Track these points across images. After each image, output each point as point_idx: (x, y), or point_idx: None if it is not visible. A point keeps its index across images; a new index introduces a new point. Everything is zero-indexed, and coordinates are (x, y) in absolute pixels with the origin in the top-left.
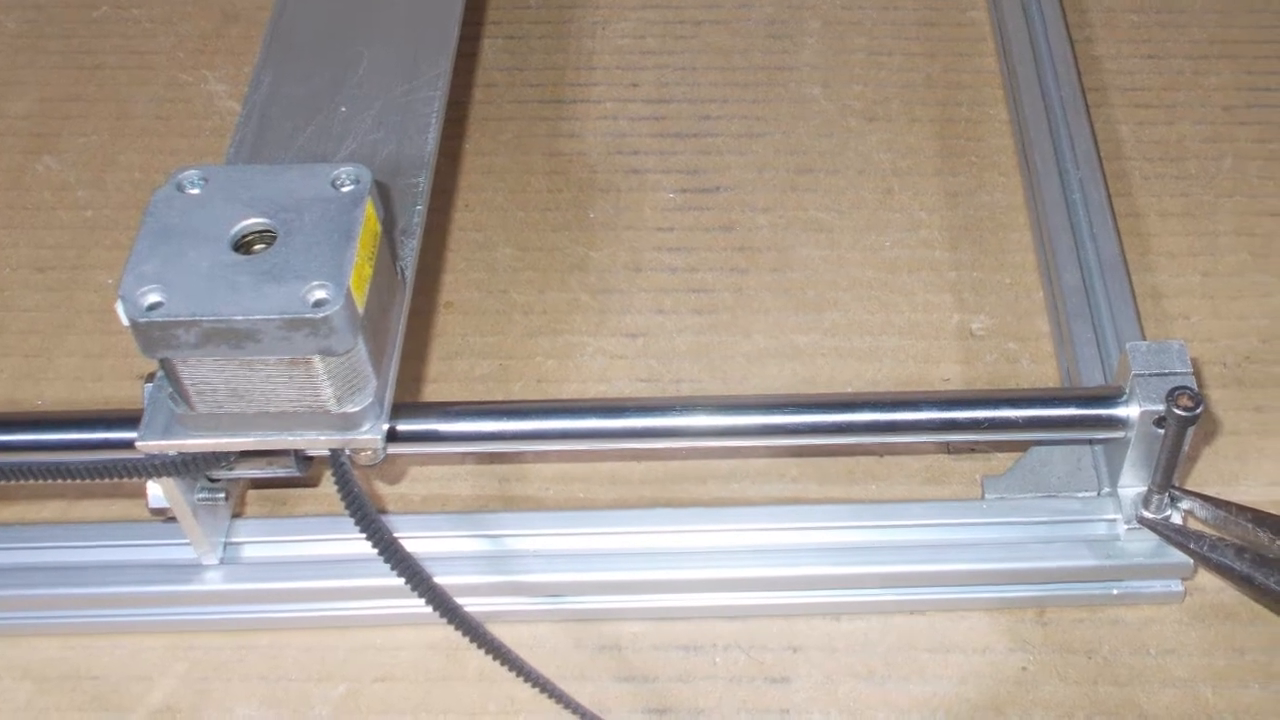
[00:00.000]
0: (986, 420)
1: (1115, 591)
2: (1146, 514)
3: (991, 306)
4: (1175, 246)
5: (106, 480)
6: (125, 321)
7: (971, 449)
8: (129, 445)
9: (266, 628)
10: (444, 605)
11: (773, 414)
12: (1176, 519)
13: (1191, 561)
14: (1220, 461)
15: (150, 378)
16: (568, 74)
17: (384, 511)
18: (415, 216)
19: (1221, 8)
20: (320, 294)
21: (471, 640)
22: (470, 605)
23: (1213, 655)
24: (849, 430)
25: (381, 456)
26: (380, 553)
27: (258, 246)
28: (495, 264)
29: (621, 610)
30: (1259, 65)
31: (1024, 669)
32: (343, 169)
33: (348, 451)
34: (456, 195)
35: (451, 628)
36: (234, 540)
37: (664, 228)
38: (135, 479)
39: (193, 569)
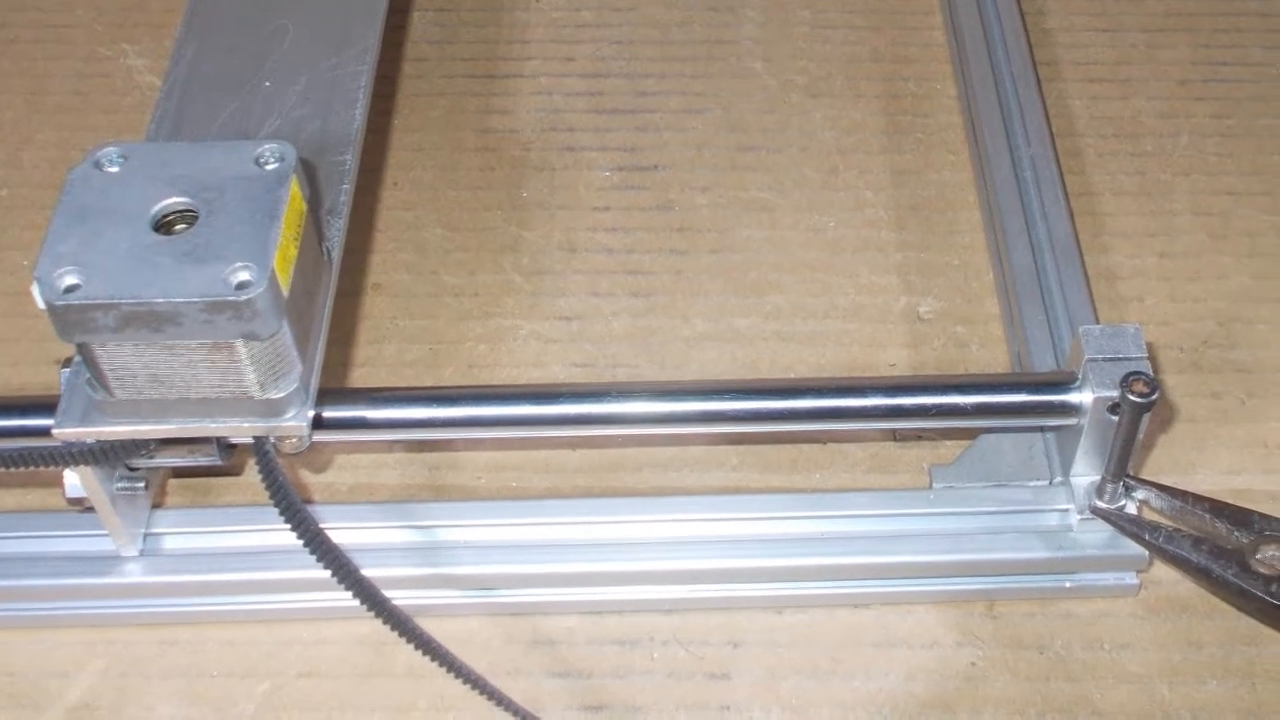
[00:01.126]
0: (934, 407)
1: (1068, 584)
2: (1100, 504)
3: (939, 289)
4: (1130, 226)
5: (21, 469)
6: (41, 304)
7: (919, 436)
8: (45, 433)
9: (188, 622)
10: (372, 599)
11: (712, 400)
12: (1131, 509)
13: (1147, 553)
14: (1177, 450)
15: (67, 363)
16: (500, 48)
17: (309, 501)
18: (342, 195)
19: None
20: (243, 276)
21: (400, 635)
22: (399, 598)
23: (1169, 650)
24: (791, 417)
25: (307, 444)
26: (306, 544)
27: (179, 226)
28: (425, 245)
29: (556, 604)
30: (1216, 39)
31: (973, 664)
32: (267, 146)
33: (272, 439)
34: (385, 173)
35: (380, 622)
36: (154, 531)
37: (600, 207)
38: (52, 468)
39: (111, 561)
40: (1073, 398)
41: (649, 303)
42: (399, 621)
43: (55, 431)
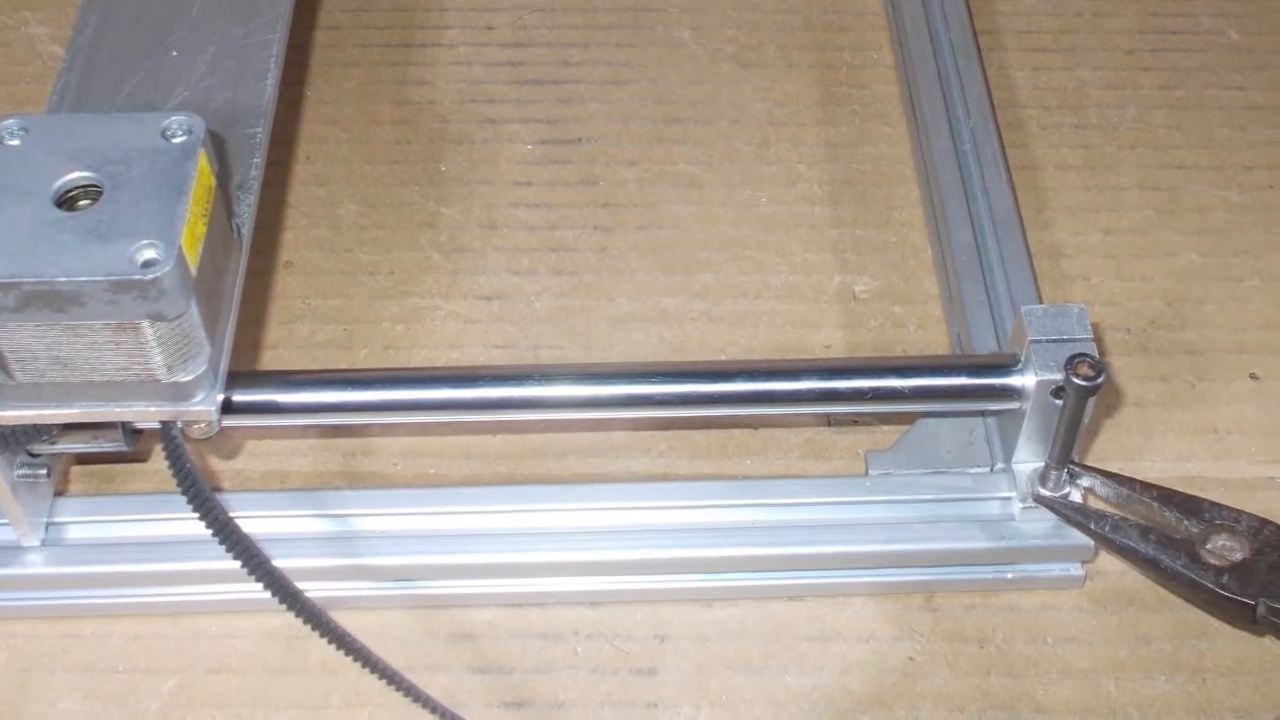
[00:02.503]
0: (870, 390)
1: (1009, 575)
2: (1043, 492)
3: (876, 267)
4: (1074, 202)
5: None
6: None
7: (854, 421)
8: None
9: (92, 614)
10: (283, 590)
11: (639, 383)
12: (1076, 497)
13: (1092, 543)
14: (1123, 435)
15: None
16: (417, 15)
17: (219, 489)
18: (253, 170)
19: None
20: (149, 254)
21: (313, 628)
22: (312, 590)
23: (1115, 644)
24: (721, 401)
25: (216, 429)
26: (215, 534)
27: (82, 202)
28: (339, 221)
29: (476, 596)
30: (1164, 7)
31: (911, 659)
32: (174, 118)
33: (179, 424)
34: (297, 146)
35: (292, 615)
36: (57, 520)
37: (521, 182)
38: None
39: (12, 551)
40: (1015, 381)
41: (573, 281)
42: (312, 614)
43: None
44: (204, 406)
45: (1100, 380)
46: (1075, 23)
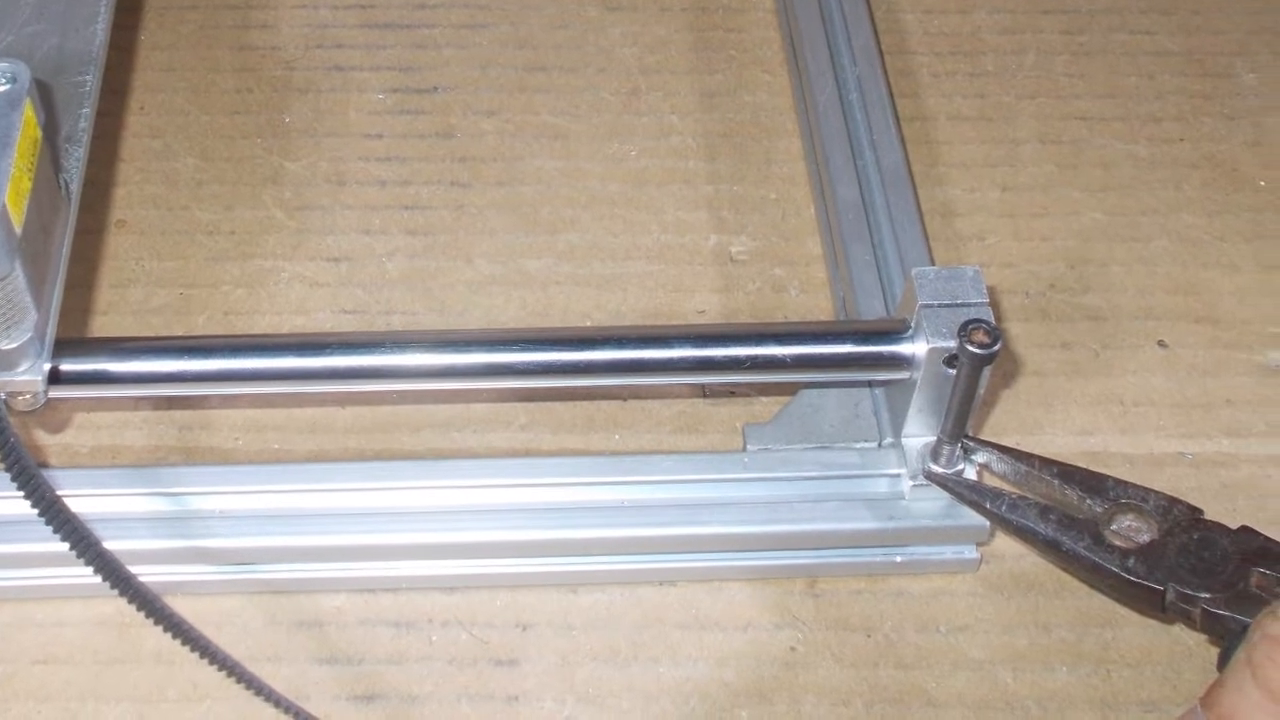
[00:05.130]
0: (748, 359)
1: (899, 559)
2: (935, 468)
3: (755, 226)
4: (969, 156)
5: None
6: None
7: (731, 392)
8: None
9: None
10: (115, 575)
11: (499, 351)
12: (970, 474)
13: (987, 524)
14: (1021, 407)
15: None
16: None
17: (45, 465)
18: (82, 121)
19: None
20: None
21: (147, 615)
22: (146, 575)
23: (1013, 633)
24: (588, 370)
25: (42, 400)
26: (41, 513)
27: None
28: (175, 176)
29: (323, 580)
30: None
31: (792, 649)
32: None
33: (2, 395)
34: (130, 96)
35: (124, 601)
36: None
37: (372, 134)
38: None
39: None
40: (904, 349)
41: (427, 241)
42: (146, 601)
43: None
44: (29, 376)
45: (996, 348)
46: None
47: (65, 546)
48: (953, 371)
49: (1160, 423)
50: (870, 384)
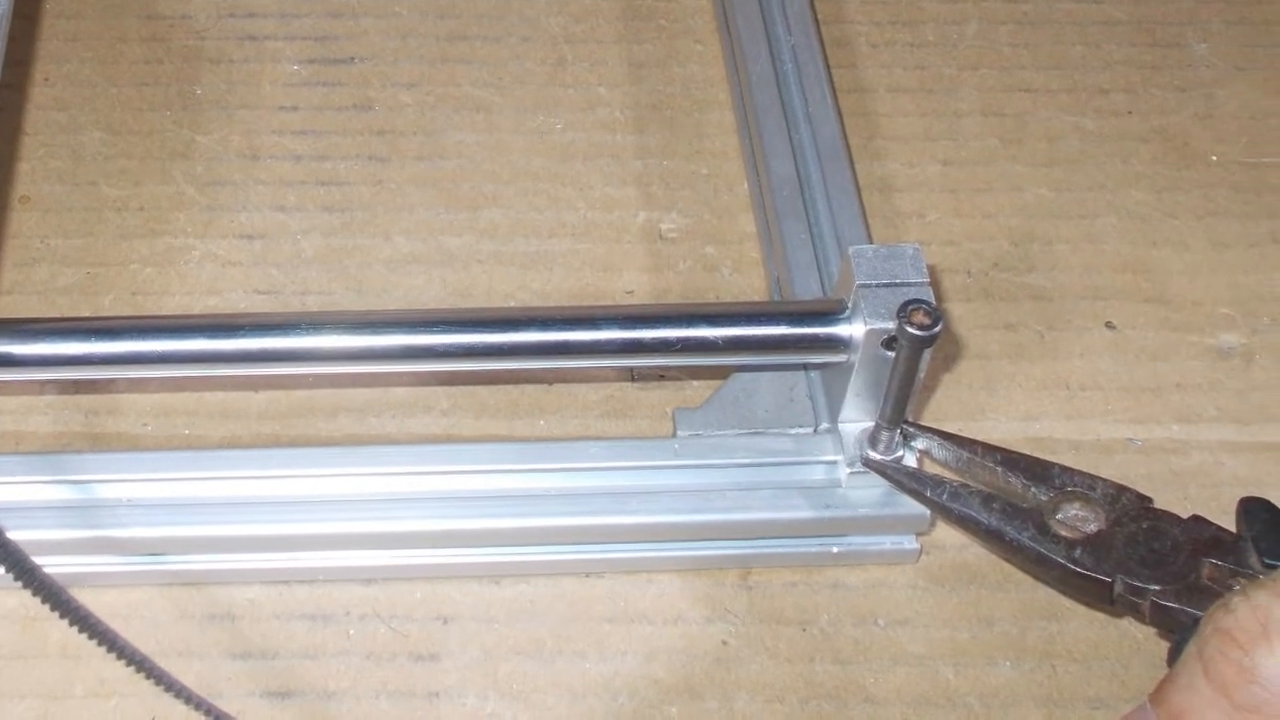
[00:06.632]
0: (678, 340)
1: (835, 549)
2: (873, 455)
3: (685, 202)
4: (909, 129)
5: None
6: None
7: (660, 376)
8: None
9: None
10: (18, 566)
11: (419, 333)
12: (910, 461)
13: (928, 513)
14: (963, 391)
15: None
16: None
17: None
18: None
19: None
20: None
21: (53, 609)
22: (51, 566)
23: (954, 627)
24: (511, 353)
25: None
26: None
27: None
28: (82, 150)
29: (236, 572)
30: None
31: (725, 643)
32: None
33: None
34: (34, 67)
35: (28, 593)
36: None
37: (286, 106)
38: None
39: None
40: (841, 330)
41: (344, 218)
42: (51, 593)
43: None
44: None
45: (937, 329)
46: None
47: None
48: (891, 354)
49: (1108, 407)
50: (805, 367)
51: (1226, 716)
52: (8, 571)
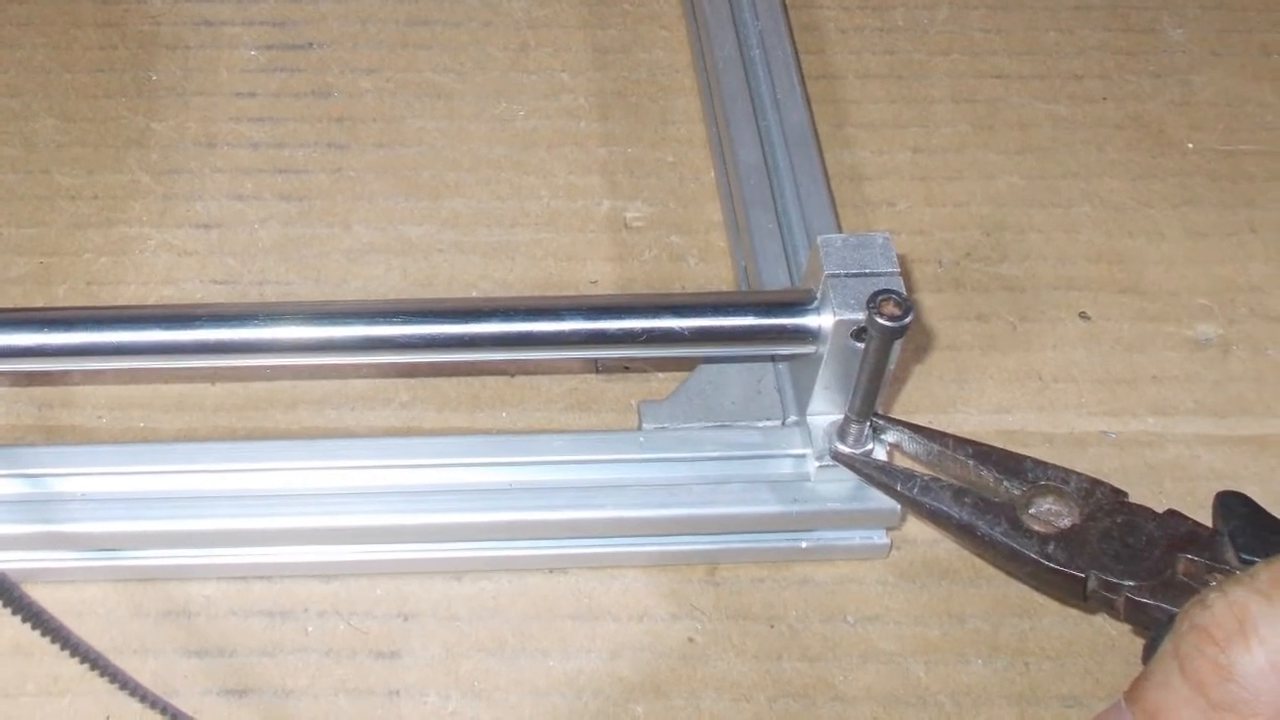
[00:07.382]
0: (644, 331)
1: (804, 544)
2: (843, 448)
3: (651, 191)
4: (879, 116)
5: None
6: None
7: (625, 368)
8: None
9: None
10: None
11: (379, 324)
12: (880, 455)
13: (898, 507)
14: (934, 383)
15: None
16: None
17: None
18: None
19: None
20: None
21: (4, 604)
22: (3, 561)
23: (925, 623)
24: (473, 344)
25: None
26: None
27: None
28: (34, 138)
29: (192, 568)
30: None
31: (691, 640)
32: None
33: None
34: None
35: None
36: None
37: (244, 93)
38: None
39: None
40: (810, 321)
41: (303, 207)
42: (3, 589)
43: None
44: None
45: (907, 320)
46: None
47: None
48: (861, 345)
49: (1082, 400)
50: (773, 358)
51: (1203, 714)
52: None
